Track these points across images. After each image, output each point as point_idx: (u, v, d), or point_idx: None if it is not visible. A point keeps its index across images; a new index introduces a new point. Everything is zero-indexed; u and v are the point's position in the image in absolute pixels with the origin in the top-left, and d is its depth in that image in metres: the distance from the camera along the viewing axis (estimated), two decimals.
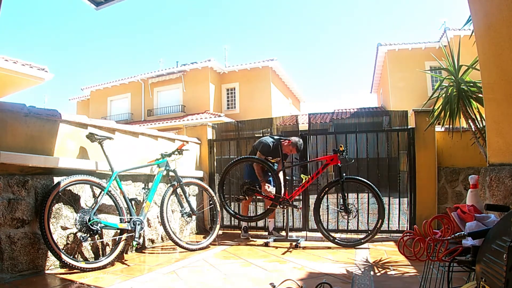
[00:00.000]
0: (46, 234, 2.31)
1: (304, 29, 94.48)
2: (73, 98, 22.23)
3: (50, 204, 2.40)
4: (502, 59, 1.81)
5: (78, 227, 2.55)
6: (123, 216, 2.87)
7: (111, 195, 2.83)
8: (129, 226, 2.87)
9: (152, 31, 68.11)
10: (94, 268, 2.51)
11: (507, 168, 1.71)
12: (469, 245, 1.39)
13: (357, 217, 3.59)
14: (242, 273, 2.47)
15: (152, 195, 3.16)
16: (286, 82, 19.19)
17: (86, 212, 2.59)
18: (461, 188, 3.66)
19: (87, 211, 2.61)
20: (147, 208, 3.10)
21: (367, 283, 2.17)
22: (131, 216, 2.93)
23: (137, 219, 2.94)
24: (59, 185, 2.44)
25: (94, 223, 2.57)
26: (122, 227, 2.83)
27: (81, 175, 2.64)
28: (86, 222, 2.54)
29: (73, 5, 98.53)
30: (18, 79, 6.83)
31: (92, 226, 2.55)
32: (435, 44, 13.27)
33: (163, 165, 3.35)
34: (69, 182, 2.53)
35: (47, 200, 2.37)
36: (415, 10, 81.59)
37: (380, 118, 6.69)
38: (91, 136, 2.81)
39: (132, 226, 2.88)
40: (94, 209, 2.61)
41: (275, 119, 4.47)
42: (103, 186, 2.74)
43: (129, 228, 2.86)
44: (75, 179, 2.59)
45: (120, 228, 2.83)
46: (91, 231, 2.57)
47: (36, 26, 71.16)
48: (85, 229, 2.54)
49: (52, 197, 2.40)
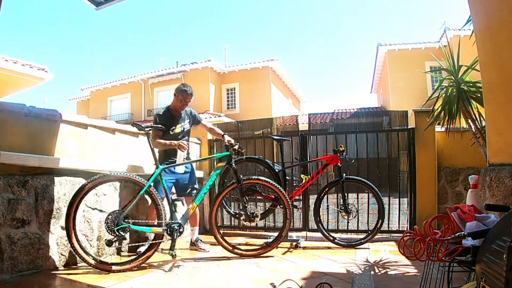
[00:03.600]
0: (69, 232, 2.33)
1: (304, 29, 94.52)
2: (73, 98, 22.24)
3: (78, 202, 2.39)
4: (502, 59, 1.82)
5: (105, 229, 2.41)
6: (162, 219, 2.56)
7: (151, 194, 2.56)
8: (165, 231, 2.56)
9: (152, 31, 68.14)
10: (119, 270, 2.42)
11: (507, 168, 1.71)
12: (469, 245, 1.39)
13: (357, 217, 3.59)
14: (242, 273, 2.47)
15: (201, 196, 2.87)
16: (286, 82, 19.20)
17: (116, 216, 2.43)
18: (461, 188, 3.66)
19: (117, 214, 2.44)
20: (192, 210, 2.79)
21: (367, 283, 2.17)
22: (172, 219, 2.62)
23: (176, 223, 2.62)
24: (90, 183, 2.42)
25: (122, 229, 2.38)
26: (156, 232, 2.53)
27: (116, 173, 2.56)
28: (113, 228, 2.39)
29: (73, 5, 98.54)
30: (18, 79, 6.84)
31: (119, 232, 2.38)
32: (435, 44, 13.28)
33: (225, 158, 2.93)
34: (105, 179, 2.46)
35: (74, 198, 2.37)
36: (415, 10, 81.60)
37: (380, 118, 6.69)
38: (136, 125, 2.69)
39: (169, 232, 2.57)
40: (124, 212, 2.44)
41: (275, 119, 4.47)
42: (142, 184, 2.51)
43: (165, 233, 2.57)
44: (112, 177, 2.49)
45: (154, 233, 2.56)
46: (119, 237, 2.42)
47: (36, 26, 71.17)
48: (112, 233, 2.41)
49: (81, 196, 2.40)
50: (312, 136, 4.08)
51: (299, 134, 4.02)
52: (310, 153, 4.03)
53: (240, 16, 77.33)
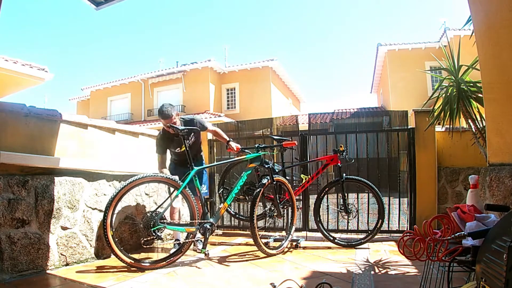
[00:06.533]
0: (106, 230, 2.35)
1: (304, 29, 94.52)
2: (73, 98, 22.23)
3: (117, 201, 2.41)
4: (502, 59, 1.82)
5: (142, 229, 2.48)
6: (195, 219, 2.66)
7: (185, 195, 2.67)
8: (198, 230, 2.65)
9: (152, 31, 68.16)
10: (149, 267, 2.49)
11: (507, 168, 1.72)
12: (469, 245, 1.39)
13: (357, 217, 3.59)
14: (242, 273, 2.47)
15: (232, 196, 2.91)
16: (286, 82, 19.19)
17: (152, 216, 2.49)
18: (461, 188, 3.66)
19: (153, 214, 2.50)
20: (223, 210, 2.87)
21: (367, 283, 2.17)
22: (204, 219, 2.71)
23: (208, 222, 2.69)
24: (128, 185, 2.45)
25: (158, 229, 2.45)
26: (190, 231, 2.62)
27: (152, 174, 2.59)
28: (150, 227, 2.46)
29: (73, 5, 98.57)
30: (18, 79, 6.83)
31: (155, 232, 2.45)
32: (435, 44, 13.27)
33: (257, 160, 3.02)
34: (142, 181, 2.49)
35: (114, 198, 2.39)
36: (415, 10, 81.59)
37: (380, 118, 6.68)
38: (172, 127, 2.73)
39: (202, 231, 2.66)
40: (160, 213, 2.50)
41: (275, 119, 4.47)
42: (178, 185, 2.59)
43: (198, 232, 2.67)
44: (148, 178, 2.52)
45: (187, 232, 2.65)
46: (155, 236, 2.48)
47: (36, 26, 71.19)
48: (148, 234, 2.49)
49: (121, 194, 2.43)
50: (312, 136, 4.08)
51: (299, 134, 4.02)
52: (310, 153, 4.03)
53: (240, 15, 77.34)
